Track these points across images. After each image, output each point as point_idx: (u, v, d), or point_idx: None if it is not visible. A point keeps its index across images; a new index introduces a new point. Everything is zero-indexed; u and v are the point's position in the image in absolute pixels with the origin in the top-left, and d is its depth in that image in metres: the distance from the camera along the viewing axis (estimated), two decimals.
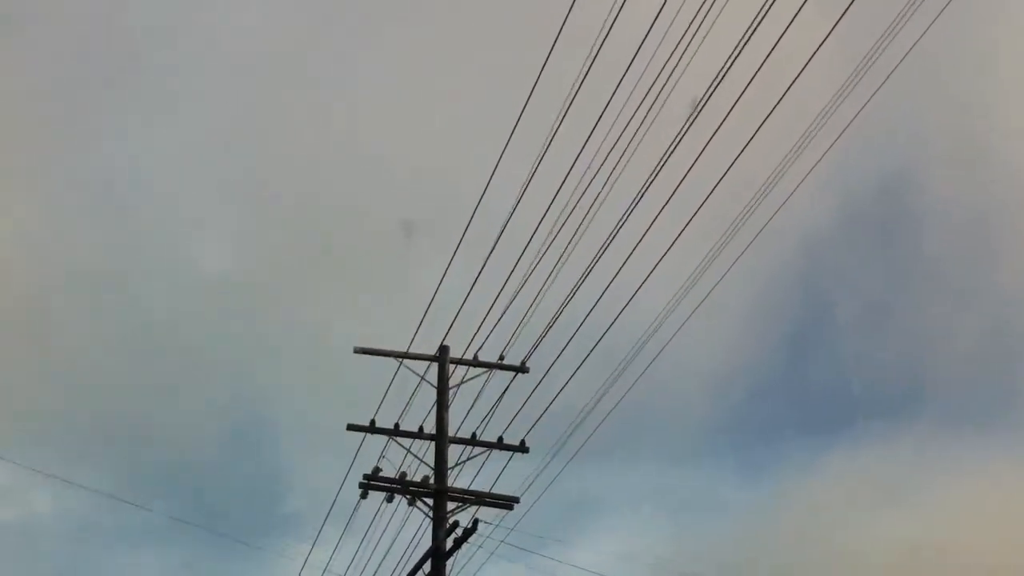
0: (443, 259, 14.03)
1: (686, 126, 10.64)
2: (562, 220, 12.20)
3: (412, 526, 15.86)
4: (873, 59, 9.95)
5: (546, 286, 12.77)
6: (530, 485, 15.32)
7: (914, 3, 8.93)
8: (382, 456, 15.63)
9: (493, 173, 12.74)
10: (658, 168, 11.24)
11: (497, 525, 15.29)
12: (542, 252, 12.45)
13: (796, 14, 8.85)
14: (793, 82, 9.52)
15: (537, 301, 13.04)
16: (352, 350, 15.84)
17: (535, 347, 14.02)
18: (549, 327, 13.36)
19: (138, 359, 40.75)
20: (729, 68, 9.57)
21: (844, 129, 11.20)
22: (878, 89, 10.59)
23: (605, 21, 10.36)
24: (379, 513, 16.24)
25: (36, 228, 39.06)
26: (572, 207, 11.98)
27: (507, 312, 13.53)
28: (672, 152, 10.79)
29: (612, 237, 12.21)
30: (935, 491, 28.02)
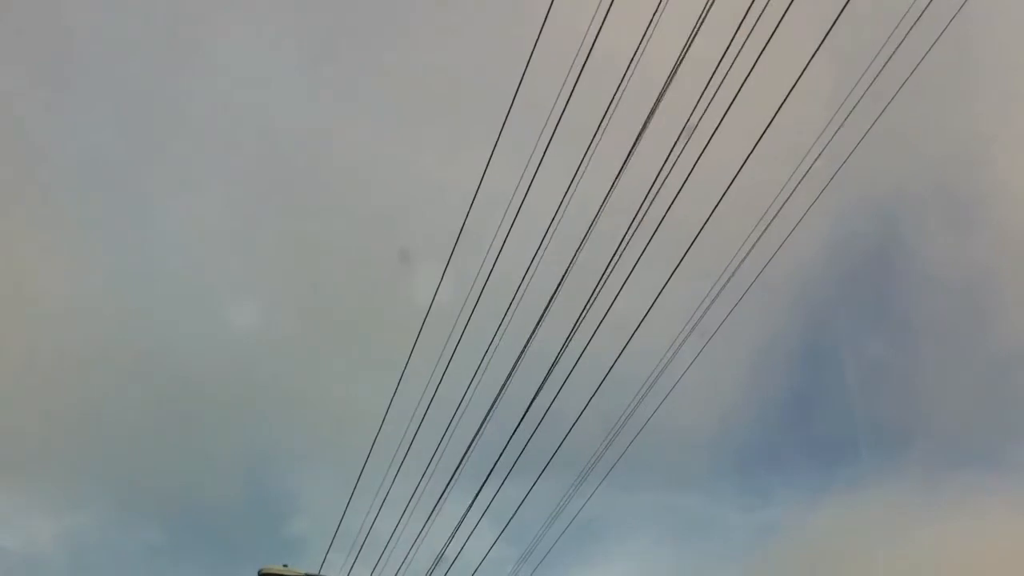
0: None
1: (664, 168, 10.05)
2: None
3: None
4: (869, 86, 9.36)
5: None
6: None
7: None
8: None
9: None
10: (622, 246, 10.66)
11: None
12: None
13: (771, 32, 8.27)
14: (778, 110, 8.92)
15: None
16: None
17: None
18: None
19: (162, 409, 41.03)
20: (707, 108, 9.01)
21: (837, 170, 10.62)
22: (877, 118, 10.01)
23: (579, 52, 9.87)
24: None
25: (74, 284, 39.39)
26: None
27: None
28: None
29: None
30: (936, 528, 28.76)
